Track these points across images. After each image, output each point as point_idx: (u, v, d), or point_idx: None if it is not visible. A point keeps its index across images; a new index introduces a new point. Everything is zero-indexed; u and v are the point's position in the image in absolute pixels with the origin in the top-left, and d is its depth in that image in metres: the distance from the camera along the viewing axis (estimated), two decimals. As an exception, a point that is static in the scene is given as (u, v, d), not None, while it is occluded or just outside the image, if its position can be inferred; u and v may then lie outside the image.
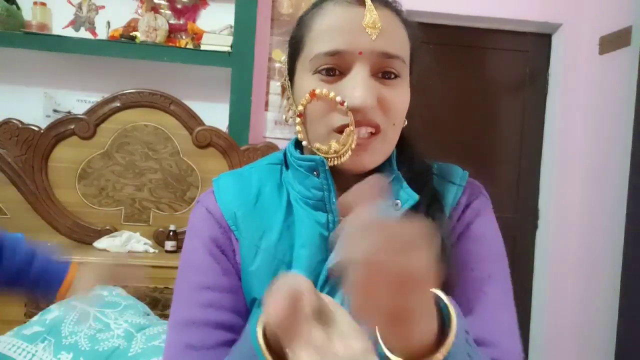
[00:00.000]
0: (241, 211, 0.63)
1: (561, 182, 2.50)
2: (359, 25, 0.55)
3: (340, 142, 0.57)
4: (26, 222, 2.00)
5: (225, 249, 0.63)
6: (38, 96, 2.20)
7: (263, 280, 0.60)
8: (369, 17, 0.55)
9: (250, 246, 0.62)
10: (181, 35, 2.27)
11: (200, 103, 2.16)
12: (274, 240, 0.61)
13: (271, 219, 0.62)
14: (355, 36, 0.55)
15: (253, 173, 0.67)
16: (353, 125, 0.55)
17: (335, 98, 0.55)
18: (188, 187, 2.10)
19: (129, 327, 1.42)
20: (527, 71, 2.60)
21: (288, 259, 0.61)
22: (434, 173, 0.66)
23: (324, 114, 0.57)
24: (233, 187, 0.65)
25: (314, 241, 0.60)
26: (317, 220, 0.60)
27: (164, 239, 2.02)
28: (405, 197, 0.60)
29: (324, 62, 0.56)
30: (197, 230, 0.64)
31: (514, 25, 2.51)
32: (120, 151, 2.07)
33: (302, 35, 0.60)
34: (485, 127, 2.60)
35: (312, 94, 0.57)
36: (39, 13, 2.12)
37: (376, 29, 0.55)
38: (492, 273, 0.62)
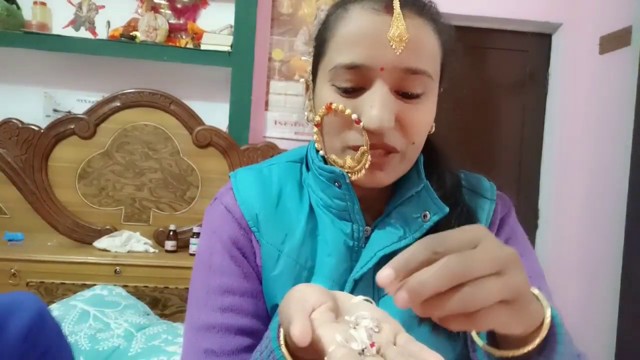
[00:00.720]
0: (263, 212, 0.60)
1: (561, 182, 2.50)
2: (383, 37, 0.50)
3: (354, 159, 0.54)
4: (26, 222, 2.00)
5: (246, 251, 0.60)
6: (38, 96, 2.20)
7: (285, 286, 0.57)
8: (395, 29, 0.50)
9: (272, 250, 0.59)
10: (181, 35, 2.27)
11: (200, 103, 2.16)
12: (296, 244, 0.59)
13: (293, 222, 0.60)
14: (378, 50, 0.51)
15: (273, 171, 0.64)
16: (367, 146, 0.52)
17: (352, 116, 0.52)
18: (188, 186, 2.10)
19: (129, 326, 1.42)
20: (527, 71, 2.60)
21: (310, 265, 0.59)
22: (462, 185, 0.63)
23: (340, 130, 0.54)
24: (253, 186, 0.62)
25: (339, 250, 0.58)
26: (341, 229, 0.58)
27: (164, 238, 2.02)
28: (434, 209, 0.57)
29: (343, 77, 0.52)
30: (216, 230, 0.61)
31: (514, 25, 2.51)
32: (120, 151, 2.07)
33: (325, 38, 0.56)
34: (485, 126, 2.60)
35: (328, 108, 0.53)
36: (39, 13, 2.12)
37: (402, 42, 0.50)
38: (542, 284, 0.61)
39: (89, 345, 1.33)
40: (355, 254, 0.58)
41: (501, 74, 2.59)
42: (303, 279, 0.58)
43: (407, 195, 0.58)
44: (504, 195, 0.67)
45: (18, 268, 1.76)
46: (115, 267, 1.80)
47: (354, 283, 0.57)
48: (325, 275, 0.58)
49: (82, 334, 1.36)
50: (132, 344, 1.36)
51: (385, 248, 0.56)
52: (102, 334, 1.37)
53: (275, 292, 0.59)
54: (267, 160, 0.67)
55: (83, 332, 1.37)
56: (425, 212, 0.57)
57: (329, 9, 0.58)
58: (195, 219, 2.07)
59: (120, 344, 1.35)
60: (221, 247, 0.60)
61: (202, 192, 2.09)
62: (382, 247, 0.56)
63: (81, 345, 1.33)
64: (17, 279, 1.76)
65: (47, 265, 1.78)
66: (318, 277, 0.58)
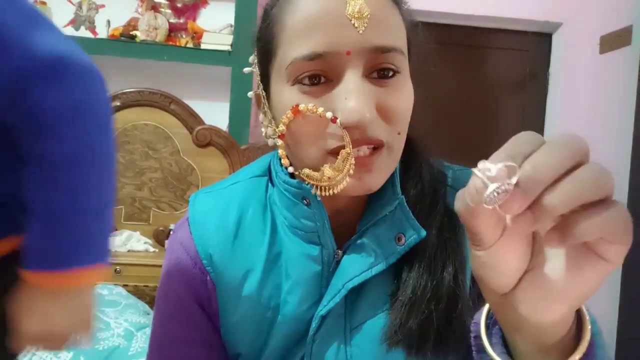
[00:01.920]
0: (219, 251, 0.54)
1: (561, 182, 2.50)
2: (342, 17, 0.44)
3: (335, 168, 0.45)
4: (26, 221, 2.00)
5: (200, 296, 0.55)
6: (38, 95, 2.20)
7: (248, 331, 0.54)
8: (354, 4, 0.43)
9: (230, 293, 0.53)
10: (181, 34, 2.27)
11: (200, 102, 2.16)
12: (257, 282, 0.53)
13: (254, 255, 0.53)
14: (339, 32, 0.44)
15: (234, 191, 0.57)
16: (350, 146, 0.44)
17: (325, 114, 0.44)
18: (188, 186, 2.10)
19: (129, 326, 1.42)
20: (528, 70, 2.60)
21: (275, 303, 0.53)
22: (448, 184, 0.55)
23: (312, 135, 0.46)
24: (210, 216, 0.56)
25: (304, 282, 0.52)
26: (307, 253, 0.51)
27: (164, 238, 2.02)
28: (410, 231, 0.49)
29: (305, 69, 0.45)
30: (171, 272, 0.58)
31: (514, 24, 2.51)
32: (120, 150, 2.07)
33: (272, 34, 0.48)
34: (485, 126, 2.60)
35: (295, 111, 0.45)
36: (39, 12, 2.12)
37: (364, 19, 0.44)
38: None
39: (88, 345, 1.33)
40: (325, 280, 0.52)
41: (501, 73, 2.59)
42: (267, 321, 0.53)
43: (382, 214, 0.51)
44: None
45: (18, 267, 1.76)
46: (115, 267, 1.80)
47: (321, 319, 0.51)
48: (289, 316, 0.52)
49: (82, 334, 1.36)
50: (132, 343, 1.36)
51: (354, 279, 0.50)
52: (102, 334, 1.37)
53: (237, 341, 0.55)
54: (232, 176, 0.61)
55: (83, 331, 1.37)
56: (400, 235, 0.50)
57: (267, 3, 0.50)
58: (195, 218, 2.06)
59: (120, 343, 1.35)
60: (176, 295, 0.56)
61: (202, 192, 2.09)
62: (351, 277, 0.50)
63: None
64: (17, 278, 1.76)
65: (47, 265, 1.78)
66: (283, 315, 0.53)
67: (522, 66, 2.60)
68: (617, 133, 2.18)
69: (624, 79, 2.15)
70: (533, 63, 2.60)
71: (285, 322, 0.52)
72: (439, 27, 2.48)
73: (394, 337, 0.48)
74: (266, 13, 0.50)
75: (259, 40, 0.51)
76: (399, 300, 0.49)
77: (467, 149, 2.54)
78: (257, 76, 0.53)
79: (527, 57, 2.60)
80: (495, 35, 2.56)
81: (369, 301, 0.51)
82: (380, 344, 0.49)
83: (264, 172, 0.59)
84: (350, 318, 0.52)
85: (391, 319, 0.49)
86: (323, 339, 0.51)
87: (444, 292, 0.48)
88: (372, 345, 0.50)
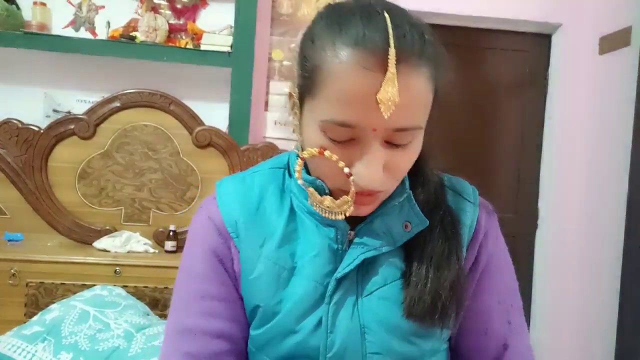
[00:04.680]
0: (242, 218, 0.62)
1: (561, 182, 2.50)
2: (374, 98, 0.47)
3: (335, 203, 0.55)
4: (26, 222, 2.00)
5: (224, 259, 0.63)
6: (38, 96, 2.20)
7: (265, 287, 0.60)
8: (385, 92, 0.47)
9: (251, 254, 0.61)
10: (181, 35, 2.27)
11: (200, 103, 2.16)
12: (274, 246, 0.61)
13: (273, 225, 0.62)
14: (371, 111, 0.48)
15: (255, 178, 0.66)
16: (352, 198, 0.53)
17: (344, 169, 0.52)
18: (188, 187, 2.10)
19: (129, 327, 1.42)
20: (527, 71, 2.60)
21: (290, 266, 0.60)
22: (445, 185, 0.65)
23: (329, 174, 0.55)
24: (235, 193, 0.64)
25: (324, 252, 0.60)
26: (326, 234, 0.60)
27: (163, 239, 2.02)
28: (416, 221, 0.59)
29: (334, 131, 0.51)
30: (197, 238, 0.64)
31: (513, 25, 2.51)
32: (120, 151, 2.07)
33: (315, 80, 0.51)
34: (485, 127, 2.61)
35: (320, 153, 0.52)
36: (39, 13, 2.12)
37: (390, 107, 0.47)
38: (514, 301, 0.66)
39: (88, 346, 1.33)
40: (340, 256, 0.60)
41: (501, 74, 2.59)
42: (282, 279, 0.60)
43: (390, 204, 0.59)
44: (486, 202, 0.68)
45: (18, 268, 1.76)
46: (115, 268, 1.79)
47: (337, 282, 0.59)
48: (307, 276, 0.60)
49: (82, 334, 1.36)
50: (132, 344, 1.36)
51: (367, 252, 0.59)
52: (102, 334, 1.37)
53: (255, 293, 0.61)
54: (252, 168, 0.69)
55: (83, 332, 1.37)
56: (407, 223, 0.59)
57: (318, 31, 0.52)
58: (195, 219, 2.06)
59: (120, 344, 1.35)
60: (201, 255, 0.63)
61: (202, 193, 2.09)
62: (365, 250, 0.59)
63: (81, 345, 1.33)
64: (17, 279, 1.76)
65: (47, 266, 1.78)
66: (300, 278, 0.60)
67: (521, 67, 2.60)
68: (617, 133, 2.18)
69: (623, 79, 2.15)
70: (532, 64, 2.60)
71: (304, 284, 0.59)
72: (438, 28, 2.47)
73: (412, 310, 0.57)
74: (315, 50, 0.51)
75: (303, 68, 0.53)
76: (413, 281, 0.58)
77: (466, 150, 2.54)
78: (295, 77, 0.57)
79: (527, 58, 2.60)
80: (494, 36, 2.57)
81: (380, 274, 0.60)
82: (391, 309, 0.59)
83: (282, 166, 0.67)
84: (362, 286, 0.60)
85: (409, 296, 0.58)
86: (339, 300, 0.59)
87: (450, 272, 0.58)
88: (383, 310, 0.59)
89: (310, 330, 0.59)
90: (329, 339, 0.58)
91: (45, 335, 1.35)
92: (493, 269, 0.65)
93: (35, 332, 1.36)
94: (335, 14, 0.52)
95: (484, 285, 0.64)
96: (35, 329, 1.37)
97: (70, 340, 1.34)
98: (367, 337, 0.58)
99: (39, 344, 1.33)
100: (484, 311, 0.64)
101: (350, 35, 0.48)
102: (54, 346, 1.33)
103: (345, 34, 0.49)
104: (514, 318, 0.65)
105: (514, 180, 2.62)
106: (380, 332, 0.58)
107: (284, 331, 0.59)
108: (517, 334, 0.65)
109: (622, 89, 2.16)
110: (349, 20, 0.50)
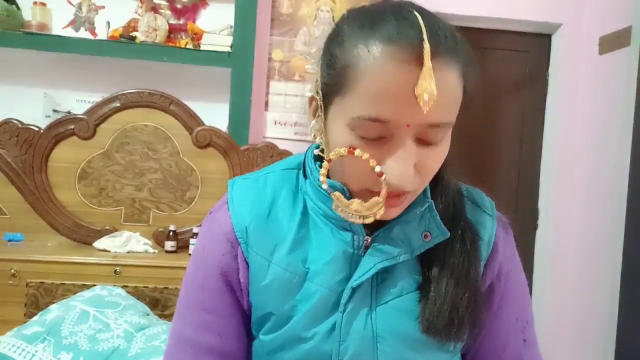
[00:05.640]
0: (253, 224, 0.61)
1: (561, 182, 2.50)
2: (411, 93, 0.46)
3: (364, 207, 0.53)
4: (26, 222, 2.00)
5: (229, 271, 0.62)
6: (38, 96, 2.20)
7: (276, 295, 0.60)
8: (424, 87, 0.46)
9: (261, 260, 0.61)
10: (181, 35, 2.27)
11: (200, 103, 2.16)
12: (285, 253, 0.60)
13: (284, 230, 0.61)
14: (406, 106, 0.47)
15: (268, 179, 0.65)
16: (384, 199, 0.51)
17: (375, 168, 0.50)
18: (188, 187, 2.10)
19: (128, 327, 1.42)
20: (527, 71, 2.60)
21: (301, 271, 0.59)
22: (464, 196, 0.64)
23: (358, 174, 0.53)
24: (247, 197, 0.63)
25: (338, 258, 0.59)
26: (342, 238, 0.59)
27: (163, 239, 2.02)
28: (436, 231, 0.58)
29: (366, 128, 0.49)
30: (205, 247, 0.64)
31: (513, 25, 2.51)
32: (120, 151, 2.07)
33: (346, 77, 0.50)
34: (485, 127, 2.60)
35: (350, 152, 0.51)
36: (38, 13, 2.12)
37: (430, 101, 0.46)
38: (529, 318, 0.67)
39: (88, 346, 1.33)
40: (355, 262, 0.59)
41: (501, 74, 2.59)
42: (294, 286, 0.59)
43: (411, 212, 0.58)
44: (502, 216, 0.68)
45: (18, 268, 1.76)
46: (115, 268, 1.79)
47: (352, 291, 0.58)
48: (321, 282, 0.59)
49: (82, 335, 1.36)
50: (132, 344, 1.36)
51: (384, 261, 0.57)
52: (102, 335, 1.37)
53: (266, 300, 0.60)
54: (266, 168, 0.67)
55: (83, 332, 1.37)
56: (427, 232, 0.58)
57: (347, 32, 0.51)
58: (195, 219, 2.07)
59: (120, 344, 1.35)
60: (205, 266, 0.63)
61: (202, 193, 2.09)
62: (381, 259, 0.57)
63: (81, 345, 1.33)
64: (17, 279, 1.76)
65: (47, 266, 1.78)
66: (313, 284, 0.59)
67: (521, 67, 2.60)
68: (617, 133, 2.18)
69: (623, 79, 2.15)
70: (532, 64, 2.60)
71: (318, 291, 0.58)
72: (438, 28, 2.48)
73: (431, 325, 0.56)
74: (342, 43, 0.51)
75: (330, 67, 0.52)
76: (432, 295, 0.57)
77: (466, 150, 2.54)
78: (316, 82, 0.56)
79: (527, 58, 2.60)
80: (494, 36, 2.57)
81: (396, 283, 0.59)
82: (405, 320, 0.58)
83: (296, 166, 0.66)
84: (377, 295, 0.59)
85: (427, 310, 0.57)
86: (353, 309, 0.58)
87: (468, 289, 0.58)
88: (397, 320, 0.58)
89: (322, 337, 0.58)
90: (342, 347, 0.58)
91: (45, 336, 1.35)
92: (511, 287, 0.65)
93: (35, 332, 1.36)
94: (364, 14, 0.52)
95: (503, 305, 0.65)
96: (35, 329, 1.37)
97: (70, 341, 1.34)
98: (380, 346, 0.58)
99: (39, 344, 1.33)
100: (501, 329, 0.65)
101: (383, 32, 0.48)
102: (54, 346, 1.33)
103: (378, 31, 0.48)
104: (529, 335, 0.66)
105: (514, 180, 2.62)
106: (393, 342, 0.58)
107: (296, 337, 0.59)
108: (531, 350, 0.66)
109: (622, 89, 2.16)
110: (380, 18, 0.49)
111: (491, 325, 0.64)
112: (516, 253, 0.67)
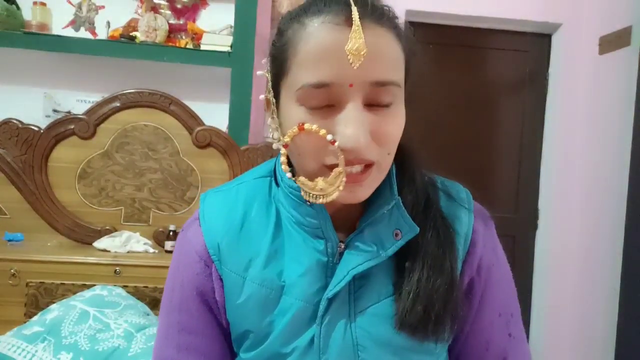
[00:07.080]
0: (226, 240, 0.60)
1: (561, 182, 2.50)
2: (344, 52, 0.49)
3: (327, 182, 0.52)
4: (26, 222, 2.00)
5: (204, 290, 0.62)
6: (38, 96, 2.20)
7: (253, 312, 0.59)
8: (353, 42, 0.48)
9: (235, 278, 0.60)
10: (181, 35, 2.27)
11: (200, 103, 2.16)
12: (260, 268, 0.59)
13: (258, 245, 0.60)
14: (345, 66, 0.49)
15: (240, 191, 0.64)
16: (343, 166, 0.51)
17: (326, 136, 0.50)
18: (188, 187, 2.10)
19: (128, 327, 1.42)
20: (527, 71, 2.60)
21: (277, 285, 0.58)
22: (438, 188, 0.63)
23: (313, 150, 0.52)
24: (219, 212, 0.62)
25: (312, 268, 0.58)
26: (314, 247, 0.58)
27: (163, 239, 2.02)
28: (406, 228, 0.57)
29: (313, 95, 0.50)
30: (179, 267, 0.64)
31: (513, 25, 2.51)
32: (120, 151, 2.07)
33: (286, 56, 0.53)
34: (485, 127, 2.60)
35: (300, 128, 0.51)
36: (38, 13, 2.12)
37: (360, 56, 0.48)
38: (514, 311, 0.65)
39: (88, 346, 1.33)
40: (330, 270, 0.58)
41: (501, 74, 2.59)
42: (270, 301, 0.59)
43: (379, 213, 0.57)
44: (481, 208, 0.66)
45: (18, 268, 1.76)
46: (115, 268, 1.79)
47: (328, 302, 0.57)
48: (297, 295, 0.58)
49: (82, 334, 1.36)
50: (132, 344, 1.36)
51: (358, 266, 0.56)
52: (102, 334, 1.37)
53: (243, 318, 0.60)
54: (238, 178, 0.68)
55: (83, 332, 1.37)
56: (397, 231, 0.57)
57: (282, 23, 0.55)
58: (195, 219, 2.06)
59: (120, 344, 1.35)
60: (180, 286, 0.63)
61: (201, 193, 2.09)
62: (355, 265, 0.57)
63: (81, 345, 1.33)
64: (16, 279, 1.76)
65: (47, 266, 1.77)
66: (289, 297, 0.58)
67: (521, 67, 2.60)
68: (617, 133, 2.18)
69: (623, 79, 2.15)
70: (532, 64, 2.60)
71: (294, 304, 0.58)
72: (438, 28, 2.48)
73: (404, 321, 0.55)
74: (280, 33, 0.55)
75: (273, 57, 0.56)
76: (405, 290, 0.56)
77: (466, 150, 2.54)
78: (267, 82, 0.58)
79: (527, 58, 2.60)
80: (494, 36, 2.57)
81: (373, 288, 0.58)
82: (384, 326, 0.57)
83: (268, 174, 0.65)
84: (355, 303, 0.58)
85: (400, 306, 0.56)
86: (331, 320, 0.57)
87: (443, 281, 0.56)
88: (377, 327, 0.57)
89: (302, 352, 0.57)
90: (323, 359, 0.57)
91: (45, 335, 1.35)
92: (493, 282, 0.63)
93: (35, 332, 1.36)
94: (297, 7, 0.55)
95: (485, 300, 0.63)
96: (35, 329, 1.37)
97: (70, 340, 1.34)
98: (362, 354, 0.57)
99: (39, 344, 1.33)
100: (485, 326, 0.63)
101: (313, 9, 0.52)
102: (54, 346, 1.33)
103: (309, 10, 0.52)
104: (514, 329, 0.64)
105: (514, 180, 2.62)
106: (375, 350, 0.57)
107: (276, 354, 0.58)
108: (517, 345, 0.64)
109: (622, 89, 2.16)
110: (311, 2, 0.53)
111: (474, 322, 0.62)
112: (498, 245, 0.65)
